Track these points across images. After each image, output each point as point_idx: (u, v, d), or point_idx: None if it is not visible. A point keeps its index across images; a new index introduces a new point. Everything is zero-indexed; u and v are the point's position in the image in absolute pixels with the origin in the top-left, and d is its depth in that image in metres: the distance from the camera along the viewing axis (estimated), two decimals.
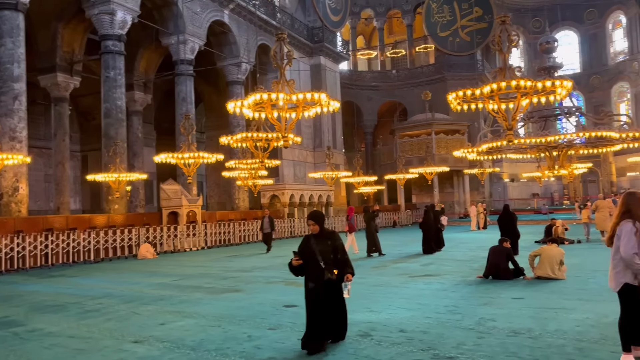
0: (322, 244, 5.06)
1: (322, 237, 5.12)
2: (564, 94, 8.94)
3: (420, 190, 39.17)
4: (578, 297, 7.34)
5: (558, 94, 8.85)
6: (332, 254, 5.09)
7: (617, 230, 4.36)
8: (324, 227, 5.20)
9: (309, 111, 9.86)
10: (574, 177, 28.03)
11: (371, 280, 9.91)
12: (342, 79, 37.53)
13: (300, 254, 5.11)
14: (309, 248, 5.09)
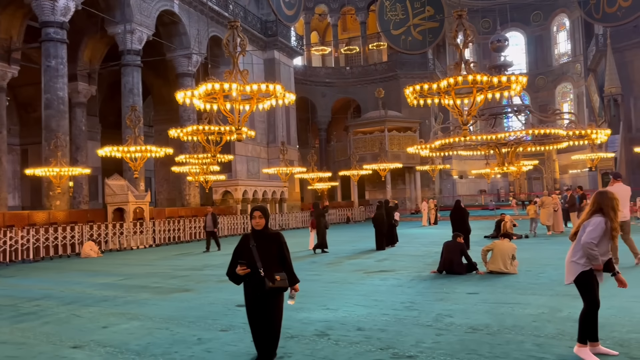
0: (264, 246, 4.27)
1: (264, 238, 4.32)
2: (519, 89, 9.06)
3: (373, 187, 39.47)
4: (531, 291, 7.40)
5: (513, 90, 8.96)
6: (277, 258, 4.31)
7: (585, 223, 4.39)
8: (268, 226, 4.42)
9: (264, 103, 9.56)
10: (520, 174, 28.94)
11: (326, 277, 9.73)
12: (296, 75, 37.25)
13: (238, 257, 4.32)
14: (247, 251, 4.29)
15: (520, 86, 8.92)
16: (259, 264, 4.20)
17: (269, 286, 4.17)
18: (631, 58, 35.66)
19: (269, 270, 4.21)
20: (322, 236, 14.45)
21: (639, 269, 9.08)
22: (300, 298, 7.49)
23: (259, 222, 4.30)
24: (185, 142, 19.24)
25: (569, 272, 4.53)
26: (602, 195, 4.43)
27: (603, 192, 4.46)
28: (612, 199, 4.36)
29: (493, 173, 32.20)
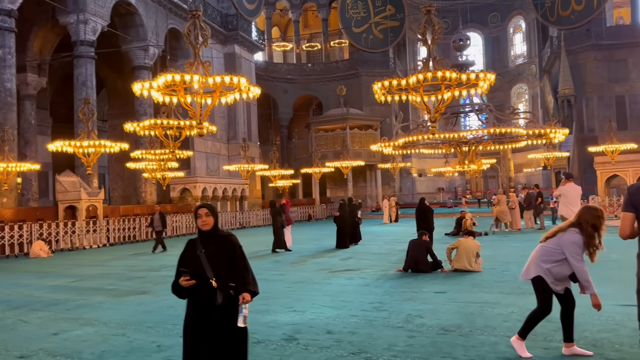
0: (214, 251, 3.42)
1: (214, 242, 3.45)
2: (486, 87, 9.07)
3: (335, 185, 39.43)
4: (498, 290, 7.38)
5: (480, 88, 8.95)
6: (228, 265, 3.43)
7: (561, 234, 4.28)
8: (219, 226, 3.56)
9: (227, 97, 9.19)
10: (478, 172, 29.48)
11: (291, 276, 9.48)
12: (257, 70, 36.72)
13: (184, 266, 3.46)
14: (194, 259, 3.43)
15: (488, 83, 8.93)
16: (210, 273, 3.34)
17: (220, 300, 3.31)
18: (584, 60, 36.91)
19: (221, 280, 3.35)
20: (278, 236, 14.09)
21: (602, 266, 9.24)
22: (265, 300, 7.23)
23: (206, 221, 3.42)
24: (141, 137, 18.51)
25: (527, 269, 4.47)
26: (587, 210, 4.28)
27: (590, 208, 4.31)
28: (596, 216, 4.20)
29: (454, 171, 32.74)
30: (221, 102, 9.38)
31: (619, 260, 9.66)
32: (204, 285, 3.35)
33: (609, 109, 36.43)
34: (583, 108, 37.37)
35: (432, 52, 8.52)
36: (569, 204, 9.92)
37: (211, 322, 3.34)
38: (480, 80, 8.71)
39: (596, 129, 36.26)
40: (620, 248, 11.00)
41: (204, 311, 3.36)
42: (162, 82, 8.27)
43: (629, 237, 3.45)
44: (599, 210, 4.26)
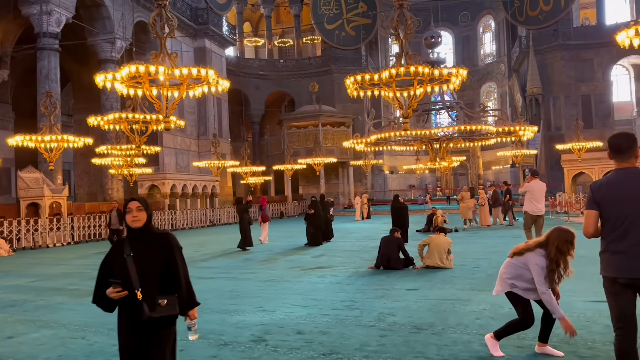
0: (144, 254, 2.85)
1: (146, 242, 2.89)
2: (458, 83, 9.04)
3: (307, 182, 39.27)
4: (469, 286, 7.35)
5: (452, 84, 8.91)
6: (161, 271, 2.86)
7: (528, 253, 4.16)
8: (152, 224, 2.99)
9: (195, 90, 8.90)
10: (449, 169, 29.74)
11: (261, 275, 9.28)
12: (228, 66, 36.25)
13: (108, 273, 2.89)
14: (120, 263, 2.86)
15: (460, 79, 8.90)
16: (136, 282, 2.78)
17: (147, 315, 2.76)
18: (551, 60, 37.66)
19: (149, 290, 2.79)
20: (245, 234, 13.79)
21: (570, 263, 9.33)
22: (235, 299, 7.03)
23: (137, 216, 2.86)
24: (107, 132, 17.99)
25: (497, 285, 4.40)
26: (557, 231, 4.07)
27: (560, 230, 4.08)
28: (564, 240, 3.99)
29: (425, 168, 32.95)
30: (189, 96, 9.08)
31: (588, 256, 9.76)
32: (128, 297, 2.77)
33: (575, 107, 37.29)
34: (550, 107, 38.14)
35: (405, 47, 8.43)
36: (534, 200, 10.12)
37: (138, 338, 2.83)
38: (452, 76, 8.66)
39: (563, 127, 37.06)
40: (588, 244, 11.19)
41: (129, 329, 2.85)
42: (126, 73, 7.92)
43: (593, 236, 3.34)
44: (569, 234, 4.04)
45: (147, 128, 11.55)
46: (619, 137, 3.34)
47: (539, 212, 10.05)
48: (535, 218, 10.10)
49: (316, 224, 14.28)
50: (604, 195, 3.27)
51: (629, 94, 41.62)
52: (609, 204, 3.25)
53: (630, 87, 41.62)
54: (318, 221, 14.30)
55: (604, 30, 37.63)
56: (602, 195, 3.28)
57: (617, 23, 39.04)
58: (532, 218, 10.12)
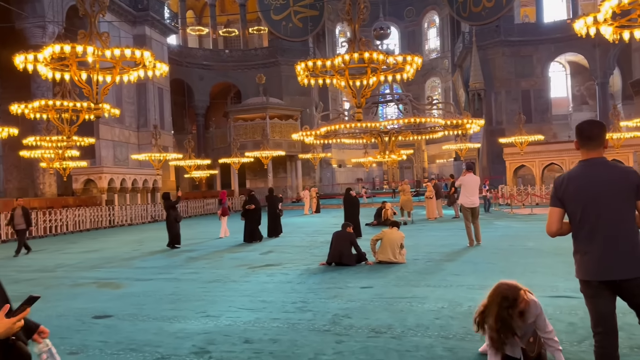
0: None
1: None
2: (412, 72, 8.75)
3: (254, 175, 38.51)
4: (424, 282, 7.06)
5: (406, 72, 8.61)
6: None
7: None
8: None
9: (130, 74, 8.14)
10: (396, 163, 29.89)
11: (205, 275, 8.66)
12: (170, 55, 34.83)
13: None
14: None
15: (415, 67, 8.61)
16: None
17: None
18: (493, 56, 38.56)
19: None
20: (172, 231, 13.02)
21: (520, 254, 9.30)
22: (175, 304, 6.43)
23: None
24: (38, 122, 16.62)
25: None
26: (496, 289, 3.63)
27: (500, 286, 3.63)
28: (498, 304, 3.51)
29: (373, 161, 32.96)
30: (125, 82, 8.30)
31: (537, 249, 9.81)
32: None
33: (516, 102, 38.39)
34: (492, 102, 39.09)
35: (358, 33, 8.03)
36: (468, 193, 10.59)
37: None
38: (407, 63, 8.35)
39: (504, 122, 38.09)
40: (535, 236, 11.24)
41: None
42: (49, 53, 7.05)
43: (557, 234, 3.01)
44: (510, 292, 3.55)
45: (79, 117, 10.58)
46: (591, 123, 3.05)
47: (472, 204, 10.53)
48: (471, 209, 10.58)
49: (256, 220, 13.58)
50: (566, 191, 2.97)
51: (565, 89, 43.40)
52: (573, 200, 2.95)
53: (566, 83, 43.40)
54: (258, 217, 13.61)
55: (542, 28, 38.98)
56: (564, 191, 2.97)
57: (554, 21, 40.62)
58: (469, 210, 10.60)
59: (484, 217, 18.07)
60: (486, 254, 9.45)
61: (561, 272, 7.24)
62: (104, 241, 16.27)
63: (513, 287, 3.55)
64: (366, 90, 8.08)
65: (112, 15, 26.63)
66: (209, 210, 30.59)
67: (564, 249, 9.57)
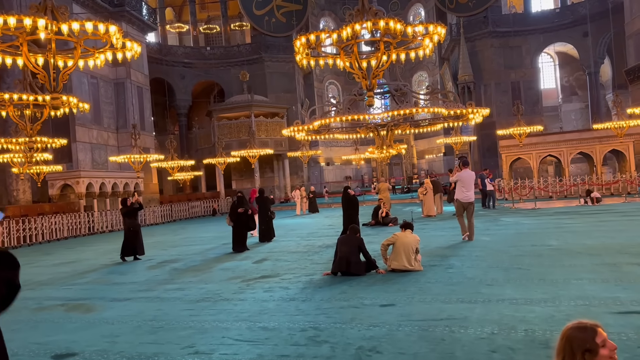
0: None
1: None
2: (431, 47, 7.64)
3: (240, 176, 37.22)
4: (455, 296, 5.95)
5: (426, 47, 7.49)
6: None
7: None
8: None
9: (96, 58, 6.90)
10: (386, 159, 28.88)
11: (192, 291, 7.45)
12: (150, 53, 33.38)
13: None
14: None
15: (437, 39, 7.48)
16: None
17: None
18: (481, 47, 37.73)
19: None
20: (132, 239, 11.63)
21: (504, 259, 8.26)
22: (155, 334, 5.23)
23: None
24: (5, 120, 15.21)
25: None
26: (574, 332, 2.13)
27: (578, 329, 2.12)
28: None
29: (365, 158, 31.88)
30: (88, 66, 7.06)
31: (564, 249, 8.74)
32: None
33: (505, 94, 37.62)
34: (481, 94, 38.23)
35: (366, 0, 6.86)
36: (464, 188, 10.76)
37: None
38: (430, 34, 7.21)
39: (494, 114, 37.21)
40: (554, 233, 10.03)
41: None
42: None
43: None
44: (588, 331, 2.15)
45: (43, 114, 9.25)
46: None
47: (468, 199, 10.64)
48: (466, 205, 10.67)
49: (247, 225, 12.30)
50: None
51: (553, 80, 42.82)
52: None
53: (555, 74, 42.82)
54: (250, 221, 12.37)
55: (531, 18, 38.25)
56: None
57: (542, 10, 39.98)
58: (463, 205, 10.69)
59: (489, 214, 17.10)
60: (511, 257, 8.39)
61: (612, 279, 6.19)
62: (81, 251, 14.96)
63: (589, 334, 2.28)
64: (378, 70, 6.95)
65: (86, 10, 25.19)
66: (194, 213, 29.25)
67: (596, 248, 8.58)
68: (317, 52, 7.48)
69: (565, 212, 16.00)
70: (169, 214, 27.00)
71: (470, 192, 10.73)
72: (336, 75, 49.53)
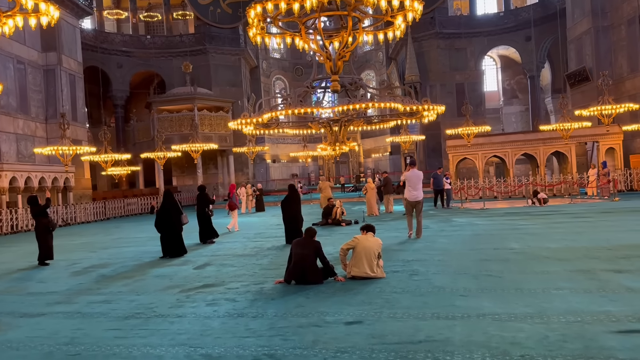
0: None
1: None
2: (403, 28, 6.91)
3: (182, 172, 35.56)
4: (430, 311, 5.22)
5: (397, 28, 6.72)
6: None
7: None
8: None
9: (4, 24, 5.66)
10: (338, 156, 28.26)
11: (121, 304, 6.35)
12: (84, 39, 31.17)
13: None
14: None
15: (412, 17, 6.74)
16: None
17: None
18: (428, 48, 37.90)
19: None
20: (44, 243, 10.32)
21: (470, 265, 7.74)
22: None
23: None
24: None
25: None
26: None
27: None
28: None
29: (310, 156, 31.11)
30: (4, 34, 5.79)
31: (528, 252, 8.28)
32: None
33: (450, 96, 37.95)
34: (427, 95, 38.41)
35: None
36: (411, 187, 11.01)
37: None
38: (406, 9, 6.44)
39: (439, 115, 37.55)
40: (511, 235, 9.54)
41: None
42: None
43: None
44: None
45: None
46: None
47: (415, 198, 10.94)
48: (414, 204, 10.97)
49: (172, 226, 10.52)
50: None
51: (495, 83, 43.80)
52: None
53: (497, 77, 43.80)
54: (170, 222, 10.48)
55: (476, 21, 38.81)
56: None
57: (486, 14, 40.71)
58: (411, 204, 10.99)
59: (439, 214, 16.75)
60: (476, 262, 7.83)
61: (594, 289, 5.67)
62: (5, 252, 13.36)
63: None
64: (345, 50, 6.14)
65: None
66: (130, 211, 27.44)
67: (561, 252, 8.08)
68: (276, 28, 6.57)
69: (515, 212, 15.87)
70: (102, 211, 25.15)
71: (417, 192, 10.98)
72: (284, 71, 48.55)
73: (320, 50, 6.19)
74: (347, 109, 11.70)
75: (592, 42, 26.97)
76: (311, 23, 6.01)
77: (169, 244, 10.39)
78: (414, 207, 10.99)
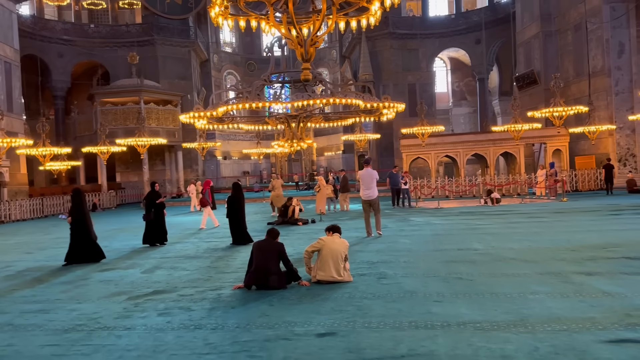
0: None
1: None
2: (379, 15, 6.50)
3: (126, 167, 33.98)
4: (407, 319, 4.85)
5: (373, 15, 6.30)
6: None
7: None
8: None
9: None
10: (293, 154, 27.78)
11: (60, 315, 5.62)
12: (22, 26, 29.16)
13: None
14: None
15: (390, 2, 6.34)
16: None
17: None
18: (381, 48, 38.01)
19: None
20: None
21: (438, 267, 7.54)
22: None
23: None
24: None
25: None
26: None
27: None
28: None
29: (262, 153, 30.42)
30: None
31: (493, 254, 8.11)
32: None
33: (402, 96, 38.16)
34: (380, 94, 38.58)
35: None
36: (364, 187, 11.13)
37: None
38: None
39: None
40: (470, 235, 9.33)
41: None
42: None
43: None
44: None
45: None
46: None
47: (368, 197, 11.05)
48: (369, 202, 11.06)
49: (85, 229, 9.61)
50: None
51: (445, 85, 44.56)
52: None
53: (447, 79, 44.57)
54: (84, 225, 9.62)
55: (428, 22, 39.27)
56: None
57: (438, 16, 41.29)
58: (366, 202, 11.08)
59: (396, 214, 16.60)
60: (443, 263, 7.57)
61: (571, 293, 5.49)
62: None
63: None
64: (317, 36, 5.69)
65: None
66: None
67: (526, 253, 7.87)
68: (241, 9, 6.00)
69: (470, 212, 15.93)
70: (39, 208, 23.56)
71: (370, 190, 11.06)
72: (236, 66, 47.50)
73: (290, 35, 5.72)
74: (307, 104, 11.24)
75: (541, 46, 27.73)
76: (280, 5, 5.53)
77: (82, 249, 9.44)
78: (370, 206, 11.07)
